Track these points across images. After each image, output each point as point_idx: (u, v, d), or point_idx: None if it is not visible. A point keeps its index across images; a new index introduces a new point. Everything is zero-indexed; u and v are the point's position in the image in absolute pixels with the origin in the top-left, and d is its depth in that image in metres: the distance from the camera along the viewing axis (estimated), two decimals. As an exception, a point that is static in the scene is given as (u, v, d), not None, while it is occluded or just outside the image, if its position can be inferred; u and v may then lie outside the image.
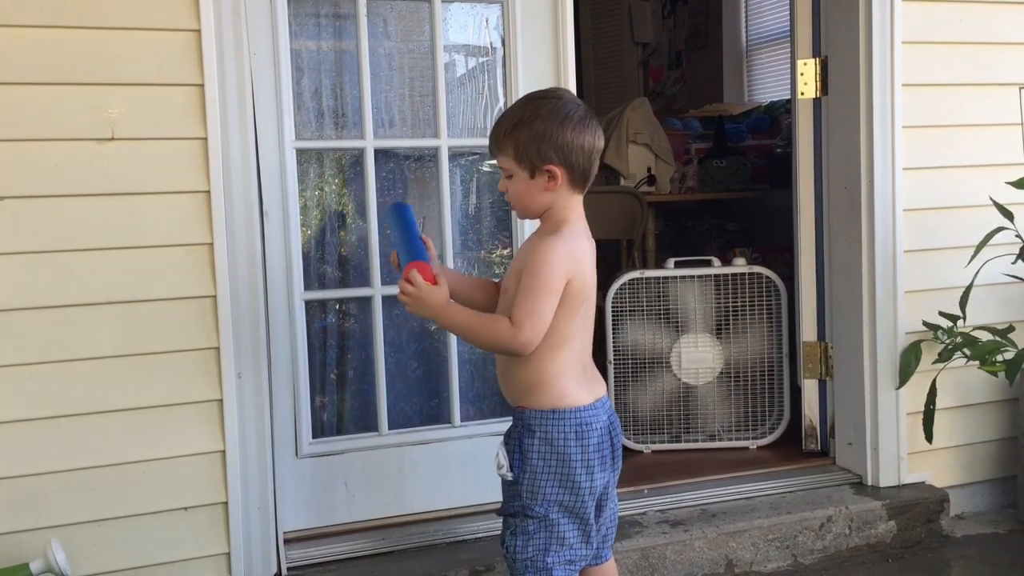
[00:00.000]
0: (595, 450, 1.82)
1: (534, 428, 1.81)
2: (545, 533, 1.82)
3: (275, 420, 2.36)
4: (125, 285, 2.15)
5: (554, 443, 1.80)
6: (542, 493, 1.81)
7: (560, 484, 1.81)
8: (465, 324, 1.82)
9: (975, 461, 2.91)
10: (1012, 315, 2.82)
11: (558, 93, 1.84)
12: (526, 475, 1.82)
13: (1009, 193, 2.67)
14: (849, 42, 2.76)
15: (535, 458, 1.81)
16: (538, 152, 1.75)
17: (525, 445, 1.81)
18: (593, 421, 1.82)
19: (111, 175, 2.13)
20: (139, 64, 2.13)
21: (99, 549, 2.17)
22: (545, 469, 1.81)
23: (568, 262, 1.77)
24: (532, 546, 1.82)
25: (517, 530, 1.84)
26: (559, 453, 1.80)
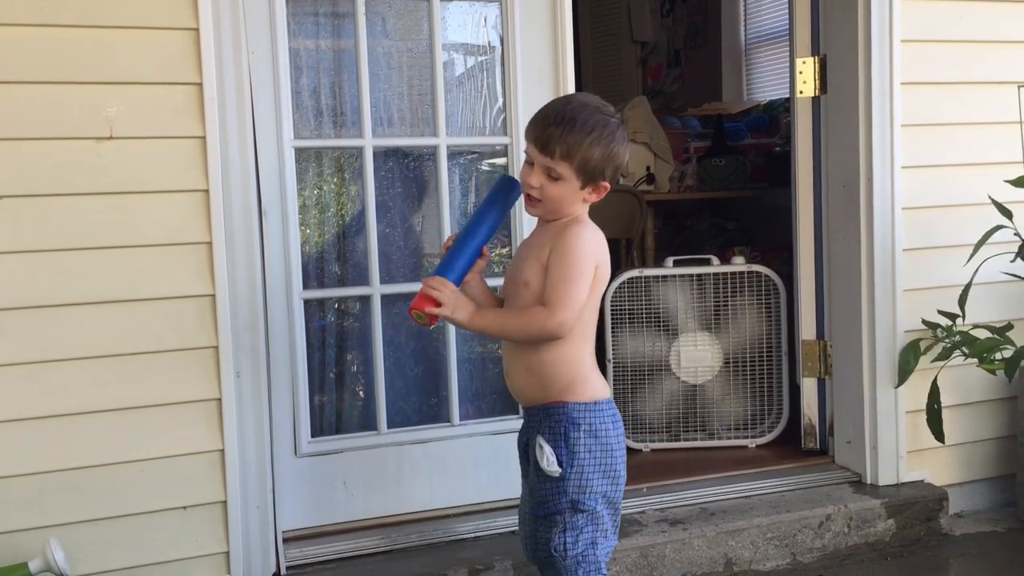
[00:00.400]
0: (623, 438, 1.88)
1: (579, 421, 1.82)
2: (593, 527, 1.83)
3: (274, 419, 2.36)
4: (123, 284, 2.15)
5: (598, 434, 1.82)
6: (590, 486, 1.82)
7: (604, 475, 1.83)
8: (497, 323, 1.85)
9: (974, 459, 2.91)
10: (1011, 313, 2.82)
11: (615, 111, 1.86)
12: (574, 469, 1.81)
13: (1008, 191, 2.67)
14: (848, 40, 2.76)
15: (582, 451, 1.81)
16: (603, 170, 1.80)
17: (572, 439, 1.81)
18: (616, 411, 1.88)
19: (110, 174, 2.13)
20: (137, 63, 2.13)
21: (98, 548, 2.16)
22: (592, 461, 1.82)
23: (596, 249, 1.82)
24: (582, 541, 1.82)
25: (567, 526, 1.82)
26: (603, 444, 1.82)
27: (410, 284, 2.67)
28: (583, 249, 1.79)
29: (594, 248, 1.82)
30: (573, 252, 1.78)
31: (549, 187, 1.81)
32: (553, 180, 1.80)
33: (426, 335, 2.67)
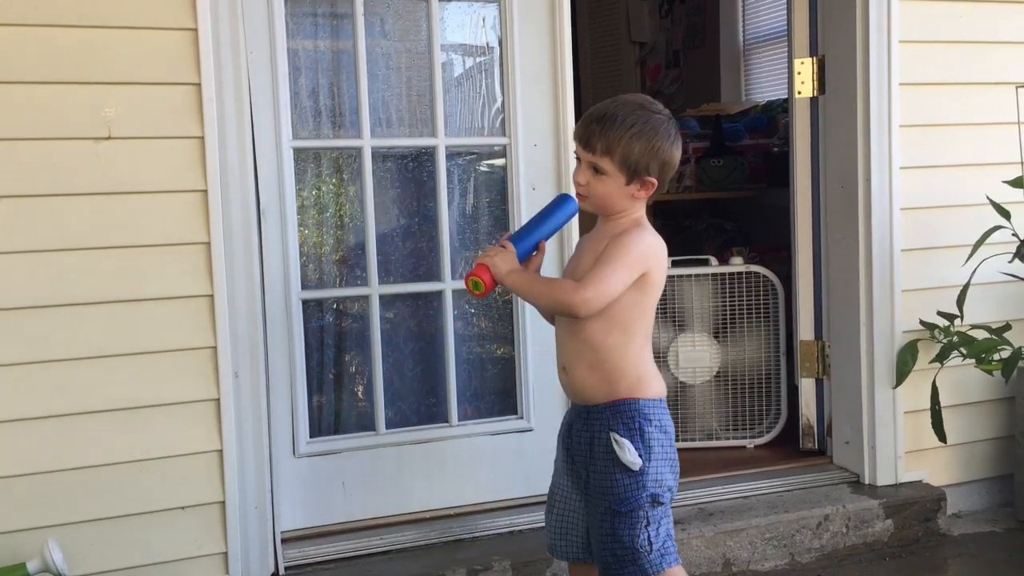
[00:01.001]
0: None
1: (651, 417, 1.85)
2: (667, 519, 1.88)
3: (272, 419, 2.36)
4: (122, 284, 2.15)
5: (665, 429, 1.87)
6: (664, 479, 1.86)
7: (671, 468, 1.88)
8: (528, 283, 1.88)
9: (972, 460, 2.91)
10: (1009, 314, 2.82)
11: (661, 107, 1.88)
12: (651, 464, 1.84)
13: (1006, 192, 2.67)
14: (846, 41, 2.76)
15: (656, 446, 1.85)
16: (646, 166, 1.81)
17: (647, 434, 1.84)
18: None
19: (108, 175, 2.13)
20: (136, 63, 2.13)
21: (96, 548, 2.16)
22: (663, 455, 1.86)
23: (650, 252, 1.85)
24: (663, 532, 1.86)
25: (649, 520, 1.84)
26: (669, 437, 1.88)
27: (409, 285, 2.67)
28: (633, 246, 1.82)
29: (645, 250, 1.84)
30: (622, 245, 1.82)
31: (595, 184, 1.85)
32: (598, 176, 1.84)
33: (425, 336, 2.67)
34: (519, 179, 2.60)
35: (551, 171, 2.62)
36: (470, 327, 2.71)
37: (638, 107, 1.85)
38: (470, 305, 2.70)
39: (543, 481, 2.66)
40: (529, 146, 2.61)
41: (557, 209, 2.01)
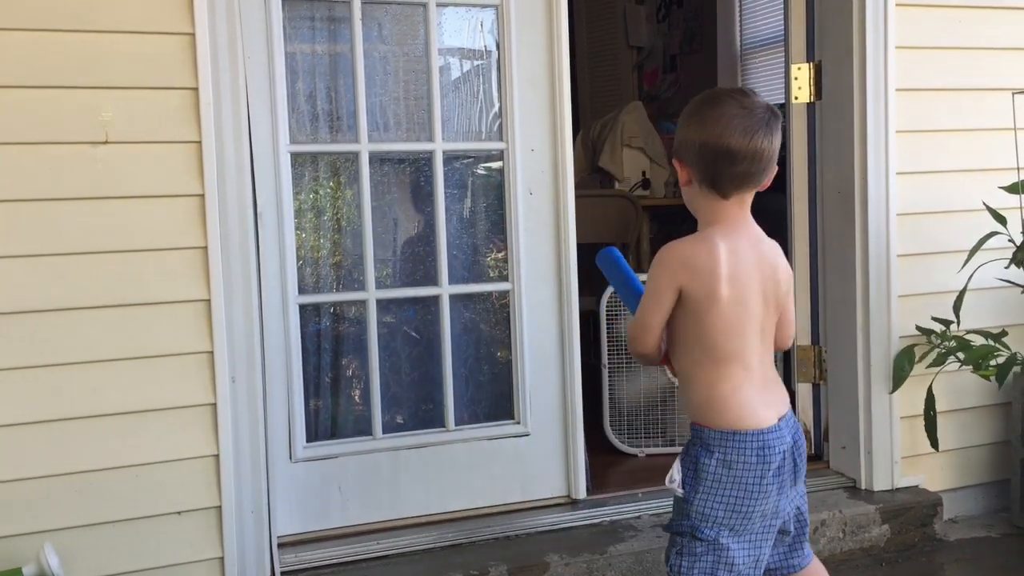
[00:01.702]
0: (775, 475, 1.72)
1: (713, 448, 1.70)
2: (713, 557, 1.72)
3: (269, 424, 2.36)
4: (119, 289, 2.15)
5: (732, 466, 1.69)
6: (713, 516, 1.71)
7: (733, 509, 1.70)
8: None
9: (968, 465, 2.91)
10: (1005, 319, 2.82)
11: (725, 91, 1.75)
12: (698, 495, 1.72)
13: (1002, 198, 2.68)
14: (843, 47, 2.76)
15: (710, 479, 1.71)
16: (678, 148, 1.75)
17: (701, 464, 1.71)
18: (776, 444, 1.71)
19: (105, 179, 2.13)
20: (133, 67, 2.13)
21: (93, 553, 2.16)
22: (719, 492, 1.70)
23: (676, 272, 1.70)
24: (698, 569, 1.73)
25: (684, 550, 1.74)
26: (736, 477, 1.69)
27: (406, 289, 2.67)
28: (656, 270, 1.73)
29: (669, 262, 1.71)
30: (651, 273, 1.74)
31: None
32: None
33: (421, 341, 2.67)
34: (516, 184, 2.60)
35: (548, 175, 2.62)
36: (467, 332, 2.71)
37: (699, 96, 1.75)
38: (468, 310, 2.70)
39: (540, 486, 2.68)
40: (526, 151, 2.61)
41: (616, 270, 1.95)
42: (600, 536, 2.52)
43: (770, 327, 1.78)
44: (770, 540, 1.78)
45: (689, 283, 1.69)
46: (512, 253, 2.62)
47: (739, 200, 1.75)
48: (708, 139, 1.69)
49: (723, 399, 1.71)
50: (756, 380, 1.74)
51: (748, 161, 1.69)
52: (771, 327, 1.78)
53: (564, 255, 2.64)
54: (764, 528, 1.75)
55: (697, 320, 1.71)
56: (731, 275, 1.70)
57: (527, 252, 2.62)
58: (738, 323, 1.71)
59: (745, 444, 1.69)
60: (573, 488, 2.69)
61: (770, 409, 1.74)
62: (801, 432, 1.81)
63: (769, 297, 1.75)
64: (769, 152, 1.71)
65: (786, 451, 1.74)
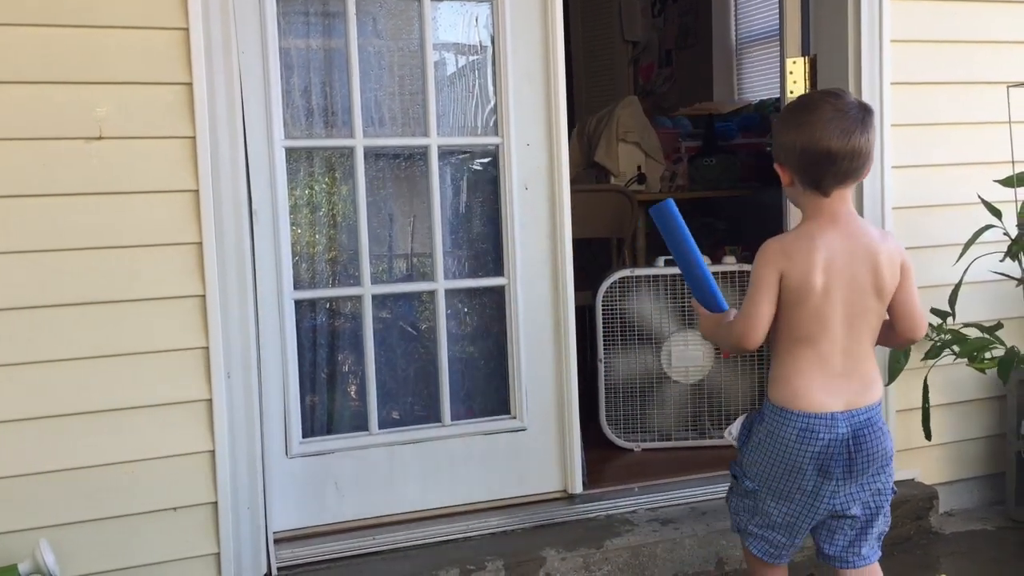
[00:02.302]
0: (815, 458, 1.82)
1: (765, 418, 1.89)
2: (751, 502, 1.95)
3: (265, 420, 2.35)
4: (113, 285, 2.15)
5: (775, 437, 1.86)
6: (754, 473, 1.92)
7: (769, 475, 1.88)
8: (722, 335, 1.95)
9: (964, 458, 2.92)
10: (1000, 312, 2.83)
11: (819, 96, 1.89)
12: (745, 453, 1.95)
13: (997, 191, 2.68)
14: (838, 40, 2.76)
15: (755, 443, 1.91)
16: (777, 153, 1.87)
17: (754, 429, 1.93)
18: (822, 430, 1.81)
19: (99, 174, 2.12)
20: (127, 63, 2.12)
21: (88, 550, 2.16)
22: (762, 455, 1.89)
23: (777, 257, 1.83)
24: (742, 507, 1.98)
25: (733, 488, 2.01)
26: (777, 446, 1.86)
27: (401, 284, 2.67)
28: (758, 263, 1.85)
29: (771, 255, 1.83)
30: (754, 262, 1.86)
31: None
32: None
33: (417, 336, 2.67)
34: (512, 179, 2.60)
35: (544, 170, 2.62)
36: (463, 327, 2.71)
37: (795, 101, 1.93)
38: (463, 305, 2.70)
39: (536, 481, 2.68)
40: (522, 145, 2.61)
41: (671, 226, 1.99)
42: (596, 531, 2.52)
43: (865, 318, 1.85)
44: (810, 517, 1.90)
45: (788, 271, 1.81)
46: (508, 248, 2.62)
47: (840, 195, 1.85)
48: (808, 143, 1.80)
49: (784, 378, 1.86)
50: (828, 366, 1.84)
51: (848, 159, 1.79)
52: (867, 318, 1.86)
53: (560, 250, 2.64)
54: (804, 505, 1.88)
55: (787, 306, 1.83)
56: (825, 266, 1.81)
57: (523, 247, 2.62)
58: (821, 310, 1.82)
59: (789, 422, 1.83)
60: (569, 483, 2.69)
61: (831, 397, 1.83)
62: (877, 433, 1.86)
63: (866, 288, 1.84)
64: (867, 148, 1.81)
65: (836, 440, 1.82)
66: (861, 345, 1.86)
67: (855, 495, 1.88)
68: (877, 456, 1.86)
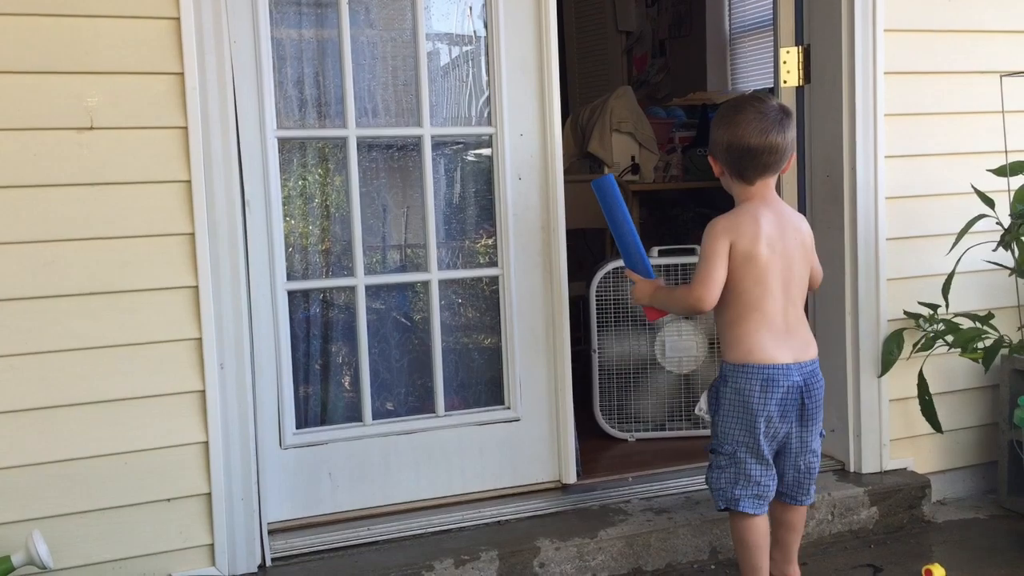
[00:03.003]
0: (778, 403, 2.12)
1: (727, 378, 2.16)
2: (733, 469, 2.17)
3: (258, 411, 2.35)
4: (105, 276, 2.14)
5: (740, 392, 2.13)
6: (731, 435, 2.16)
7: (744, 428, 2.14)
8: (663, 298, 2.26)
9: (956, 447, 2.93)
10: (993, 302, 2.83)
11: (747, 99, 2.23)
12: (718, 417, 2.18)
13: (990, 180, 2.68)
14: (832, 30, 2.76)
15: (726, 404, 2.16)
16: (714, 149, 2.20)
17: (720, 393, 2.18)
18: (780, 378, 2.12)
19: (91, 165, 2.11)
20: (118, 52, 2.11)
21: (81, 541, 2.16)
22: (732, 414, 2.15)
23: (727, 231, 2.12)
24: (724, 478, 2.19)
25: (713, 464, 2.22)
26: (743, 400, 2.13)
27: (395, 275, 2.67)
28: (709, 233, 2.14)
29: (720, 230, 2.13)
30: (704, 238, 2.14)
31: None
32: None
33: (411, 327, 2.67)
34: (505, 168, 2.60)
35: (537, 160, 2.62)
36: (457, 317, 2.71)
37: (726, 103, 2.21)
38: (457, 295, 2.70)
39: (530, 471, 2.68)
40: (515, 135, 2.60)
41: (611, 200, 2.30)
42: (590, 520, 2.52)
43: (796, 282, 2.18)
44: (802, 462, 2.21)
45: (736, 242, 2.11)
46: (501, 238, 2.62)
47: (764, 184, 2.18)
48: (732, 140, 2.12)
49: (738, 339, 2.15)
50: (773, 326, 2.14)
51: (767, 154, 2.12)
52: (798, 282, 2.18)
53: (553, 240, 2.63)
54: (771, 450, 2.17)
55: (735, 273, 2.12)
56: (766, 239, 2.12)
57: (516, 237, 2.62)
58: (764, 277, 2.12)
59: (751, 375, 2.12)
60: (563, 473, 2.70)
61: (781, 351, 2.13)
62: (820, 383, 2.20)
63: (796, 256, 2.17)
64: (783, 145, 2.13)
65: (793, 388, 2.13)
66: (796, 308, 2.18)
67: (804, 438, 2.19)
68: (822, 403, 2.20)
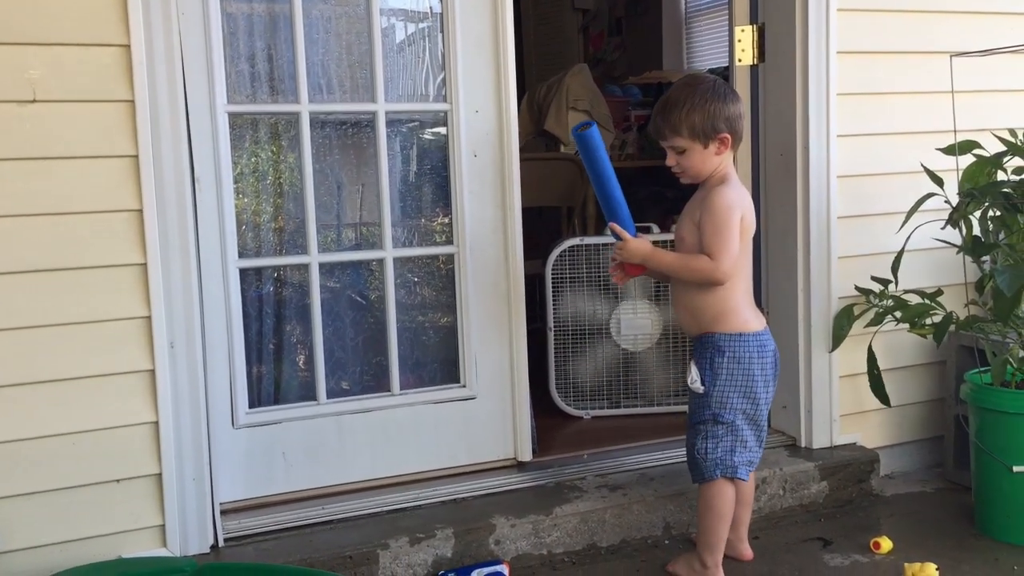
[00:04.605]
0: (770, 367, 2.25)
1: (724, 349, 2.20)
2: (732, 437, 2.23)
3: (210, 390, 2.32)
4: (51, 253, 2.09)
5: (740, 360, 2.20)
6: (730, 403, 2.21)
7: (744, 395, 2.21)
8: (672, 263, 2.24)
9: (904, 422, 2.98)
10: (941, 279, 2.88)
11: (705, 76, 2.26)
12: (716, 388, 2.21)
13: (940, 159, 2.72)
14: (786, 9, 2.77)
15: (724, 374, 2.20)
16: (713, 126, 2.16)
17: (716, 363, 2.21)
18: (767, 343, 2.24)
19: (34, 139, 2.06)
20: (61, 23, 2.06)
21: (28, 523, 2.12)
22: (732, 383, 2.21)
23: (738, 203, 2.18)
24: (721, 447, 2.22)
25: (708, 435, 2.23)
26: (744, 369, 2.20)
27: (349, 253, 2.64)
28: (725, 205, 2.16)
29: (734, 202, 2.16)
30: (718, 210, 2.16)
31: (683, 160, 2.22)
32: (680, 154, 2.21)
33: (366, 305, 2.65)
34: (461, 145, 2.58)
35: (494, 137, 2.60)
36: (412, 296, 2.69)
37: (684, 86, 2.21)
38: (412, 274, 2.68)
39: (486, 449, 2.68)
40: (471, 112, 2.58)
41: (593, 152, 2.22)
42: (546, 497, 2.53)
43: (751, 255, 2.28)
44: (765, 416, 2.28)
45: (746, 217, 2.19)
46: (457, 216, 2.60)
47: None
48: (736, 109, 2.19)
49: (733, 310, 2.21)
50: (750, 296, 2.28)
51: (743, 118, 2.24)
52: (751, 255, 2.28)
53: (509, 218, 2.62)
54: (766, 415, 2.27)
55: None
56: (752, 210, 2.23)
57: (472, 215, 2.61)
58: (749, 249, 2.23)
59: (748, 343, 2.21)
60: (519, 450, 2.70)
61: (759, 319, 2.26)
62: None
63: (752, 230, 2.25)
64: None
65: (774, 350, 2.27)
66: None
67: (769, 403, 2.29)
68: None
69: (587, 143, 2.20)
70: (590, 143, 2.20)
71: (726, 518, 2.26)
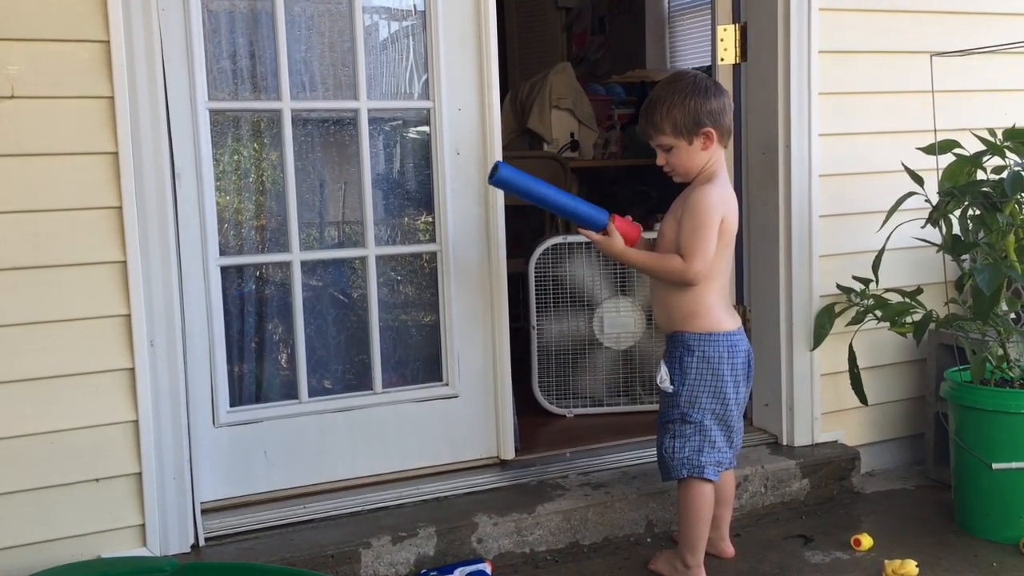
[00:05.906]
0: (741, 368, 2.23)
1: (693, 348, 2.19)
2: (699, 436, 2.21)
3: (190, 389, 2.31)
4: (30, 250, 2.07)
5: (710, 360, 2.19)
6: (699, 403, 2.20)
7: (713, 395, 2.20)
8: (645, 261, 2.22)
9: (885, 420, 3.00)
10: (921, 278, 2.89)
11: (686, 73, 2.29)
12: (685, 387, 2.20)
13: (920, 159, 2.73)
14: (768, 8, 2.78)
15: (693, 373, 2.19)
16: (696, 121, 2.15)
17: (685, 363, 2.20)
18: (739, 343, 2.23)
19: (12, 135, 2.04)
20: (41, 18, 2.04)
21: (8, 523, 2.10)
22: (701, 382, 2.19)
23: (720, 204, 2.16)
24: (689, 447, 2.21)
25: (676, 434, 2.23)
26: (714, 369, 2.19)
27: (331, 251, 2.63)
28: (706, 205, 2.14)
29: (716, 202, 2.15)
30: (698, 210, 2.15)
31: (671, 158, 2.21)
32: (669, 152, 2.20)
33: (348, 303, 2.64)
34: (443, 143, 2.57)
35: (476, 135, 2.60)
36: (395, 294, 2.69)
37: (665, 84, 2.21)
38: (395, 272, 2.67)
39: (468, 447, 2.68)
40: (453, 110, 2.58)
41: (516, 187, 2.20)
42: (528, 496, 2.53)
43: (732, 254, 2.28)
44: (740, 426, 2.28)
45: (727, 218, 2.18)
46: (439, 214, 2.60)
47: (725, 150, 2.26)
48: (723, 103, 2.18)
49: (705, 310, 2.19)
50: (725, 296, 2.27)
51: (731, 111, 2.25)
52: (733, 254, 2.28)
53: (492, 216, 2.62)
54: (737, 415, 2.25)
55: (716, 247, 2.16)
56: (736, 212, 2.22)
57: (454, 213, 2.60)
58: (729, 250, 2.22)
59: (718, 343, 2.19)
60: (502, 449, 2.70)
61: (733, 319, 2.25)
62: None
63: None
64: None
65: (747, 351, 2.26)
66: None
67: (741, 402, 2.28)
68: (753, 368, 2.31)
69: (506, 183, 2.20)
70: (509, 182, 2.19)
71: (706, 517, 2.25)
